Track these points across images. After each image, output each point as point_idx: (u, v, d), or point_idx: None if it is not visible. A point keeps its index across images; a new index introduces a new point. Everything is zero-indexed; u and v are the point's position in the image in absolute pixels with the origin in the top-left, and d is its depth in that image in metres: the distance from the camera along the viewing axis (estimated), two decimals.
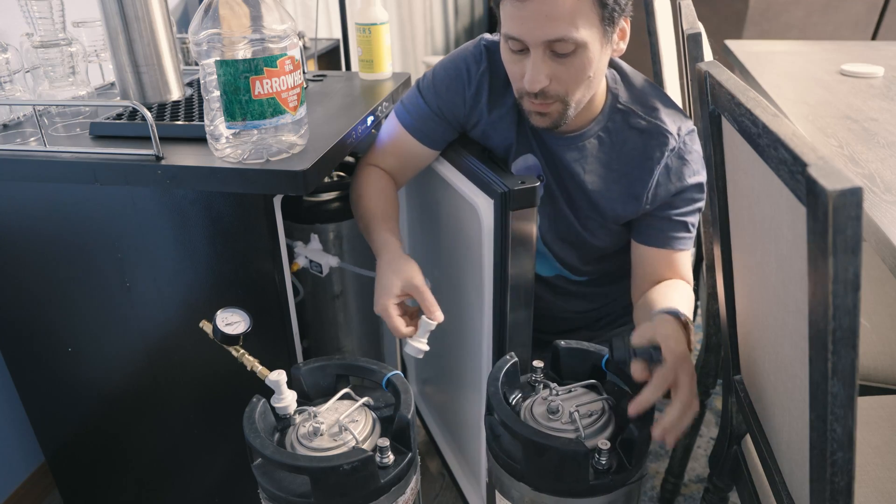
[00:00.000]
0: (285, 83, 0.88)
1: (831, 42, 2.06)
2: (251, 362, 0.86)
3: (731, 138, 0.72)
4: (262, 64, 0.85)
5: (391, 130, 1.11)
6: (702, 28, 1.10)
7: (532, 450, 0.75)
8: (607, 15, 0.87)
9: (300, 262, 1.19)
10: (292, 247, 1.19)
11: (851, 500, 0.58)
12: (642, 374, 0.76)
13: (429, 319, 0.93)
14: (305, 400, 0.87)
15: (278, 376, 0.81)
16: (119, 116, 1.06)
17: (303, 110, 0.94)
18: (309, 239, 1.20)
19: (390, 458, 0.77)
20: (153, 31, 0.99)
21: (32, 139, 1.01)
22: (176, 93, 1.05)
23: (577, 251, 1.11)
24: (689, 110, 1.45)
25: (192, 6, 1.84)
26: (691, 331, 0.82)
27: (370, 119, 1.15)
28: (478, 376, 1.14)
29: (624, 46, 0.95)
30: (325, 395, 0.87)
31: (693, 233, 1.03)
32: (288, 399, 0.82)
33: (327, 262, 1.18)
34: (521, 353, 0.89)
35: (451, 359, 1.31)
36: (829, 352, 0.50)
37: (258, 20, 0.85)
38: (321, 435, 0.78)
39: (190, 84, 1.20)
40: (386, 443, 0.77)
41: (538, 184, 0.93)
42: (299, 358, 1.11)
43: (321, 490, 0.73)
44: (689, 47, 1.06)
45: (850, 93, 1.54)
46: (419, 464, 0.84)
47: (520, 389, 0.87)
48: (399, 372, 0.86)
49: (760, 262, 0.69)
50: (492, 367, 0.87)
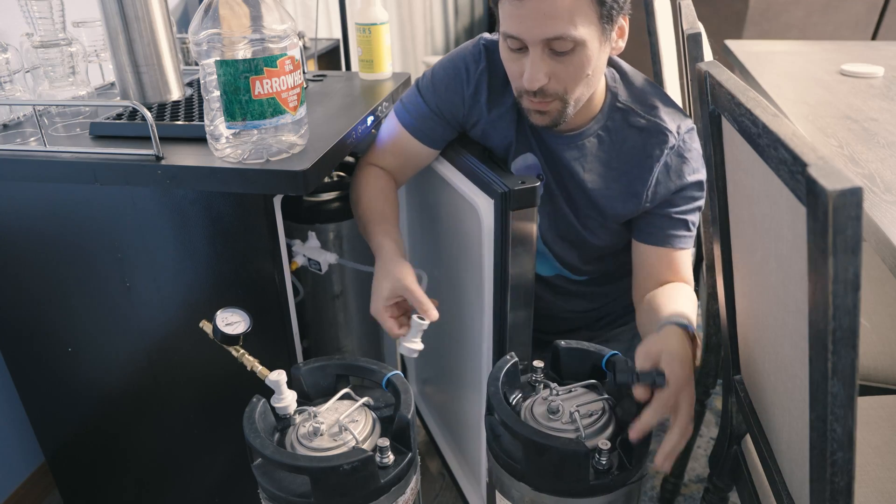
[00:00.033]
0: (285, 83, 0.88)
1: (831, 42, 2.06)
2: (251, 362, 0.86)
3: (731, 138, 0.72)
4: (262, 64, 0.85)
5: (391, 130, 1.11)
6: (702, 28, 1.10)
7: (532, 450, 0.75)
8: (606, 13, 0.87)
9: (299, 260, 1.19)
10: (290, 245, 1.19)
11: (851, 500, 0.58)
12: (644, 396, 0.76)
13: (419, 319, 0.93)
14: (305, 400, 0.87)
15: (278, 376, 0.81)
16: (119, 116, 1.06)
17: (303, 110, 0.94)
18: (307, 237, 1.20)
19: (390, 458, 0.77)
20: (153, 31, 0.99)
21: (32, 139, 1.01)
22: (176, 93, 1.05)
23: (577, 250, 1.11)
24: (689, 110, 1.45)
25: (192, 6, 1.83)
26: (698, 345, 0.82)
27: (370, 119, 1.15)
28: (478, 376, 1.14)
29: (623, 45, 0.95)
30: (325, 395, 0.87)
31: (693, 232, 1.03)
32: (288, 399, 0.82)
33: (326, 260, 1.18)
34: (521, 353, 0.89)
35: (452, 359, 1.31)
36: (829, 352, 0.50)
37: (258, 20, 0.85)
38: (321, 435, 0.78)
39: (190, 84, 1.20)
40: (386, 443, 0.77)
41: (538, 183, 0.93)
42: (299, 358, 1.11)
43: (321, 490, 0.73)
44: (689, 47, 1.06)
45: (850, 93, 1.54)
46: (419, 464, 0.84)
47: (520, 389, 0.87)
48: (399, 372, 0.86)
49: (760, 262, 0.69)
50: (492, 367, 0.87)
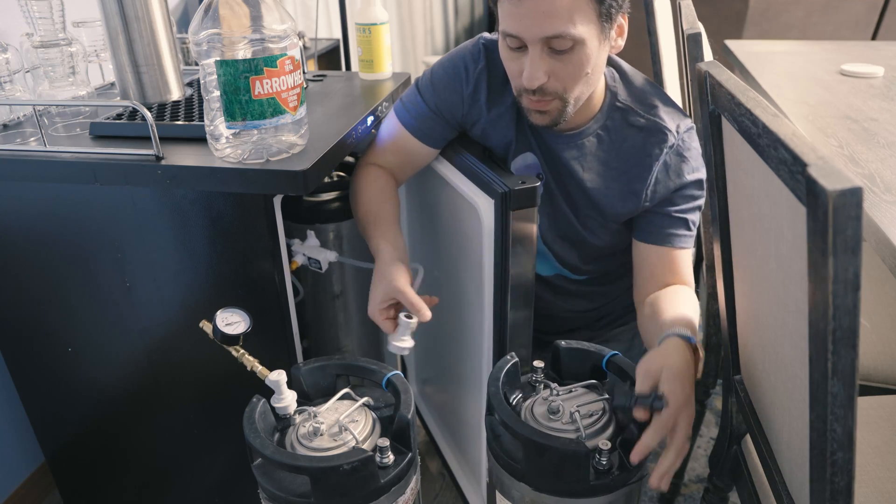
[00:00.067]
0: (285, 83, 0.88)
1: (831, 42, 2.06)
2: (251, 362, 0.86)
3: (731, 138, 0.72)
4: (262, 64, 0.85)
5: (391, 129, 1.11)
6: (702, 28, 1.10)
7: (532, 450, 0.75)
8: (604, 11, 0.87)
9: (299, 259, 1.19)
10: (290, 245, 1.19)
11: (851, 500, 0.58)
12: (643, 417, 0.76)
13: (406, 318, 0.94)
14: (305, 400, 0.87)
15: (278, 376, 0.81)
16: (119, 116, 1.06)
17: (303, 110, 0.94)
18: (306, 236, 1.20)
19: (390, 458, 0.77)
20: (153, 31, 0.99)
21: (32, 139, 1.01)
22: (176, 93, 1.05)
23: (576, 250, 1.11)
24: (689, 110, 1.45)
25: (192, 6, 1.83)
26: (700, 358, 0.82)
27: (370, 119, 1.15)
28: (478, 376, 1.14)
29: (622, 43, 0.95)
30: (325, 395, 0.87)
31: (693, 232, 1.03)
32: (288, 399, 0.82)
33: (325, 258, 1.18)
34: (521, 353, 0.90)
35: (452, 359, 1.31)
36: (829, 352, 0.50)
37: (258, 20, 0.85)
38: (321, 435, 0.78)
39: (190, 84, 1.20)
40: (386, 443, 0.77)
41: (538, 183, 0.93)
42: (299, 358, 1.11)
43: (321, 490, 0.73)
44: (689, 47, 1.06)
45: (850, 93, 1.54)
46: (419, 464, 0.84)
47: (520, 389, 0.87)
48: (399, 372, 0.86)
49: (760, 262, 0.69)
50: (492, 367, 0.87)
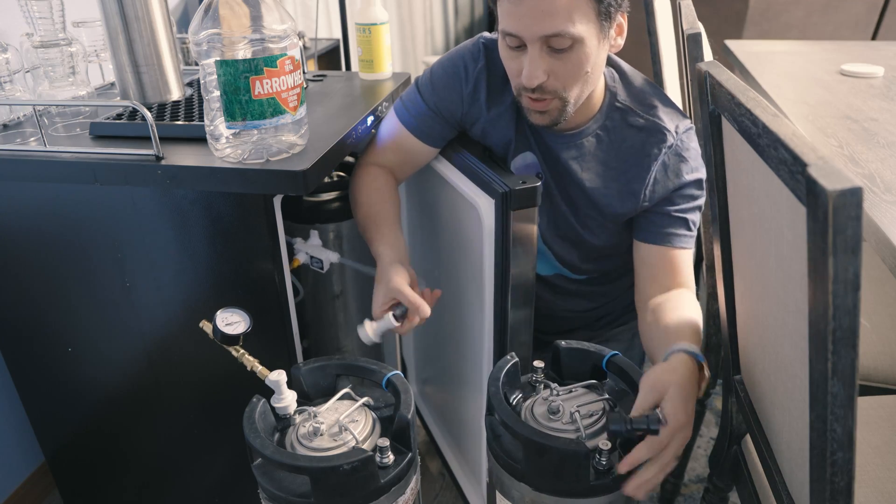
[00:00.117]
0: (285, 83, 0.88)
1: (831, 42, 2.06)
2: (251, 362, 0.86)
3: (731, 138, 0.72)
4: (262, 64, 0.85)
5: (390, 128, 1.11)
6: (702, 28, 1.10)
7: (533, 450, 0.75)
8: (604, 10, 0.87)
9: (301, 257, 1.19)
10: (292, 243, 1.19)
11: (851, 500, 0.58)
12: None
13: (392, 317, 0.94)
14: (305, 400, 0.87)
15: (278, 376, 0.81)
16: (119, 116, 1.06)
17: (303, 110, 0.94)
18: (308, 235, 1.20)
19: (390, 458, 0.77)
20: (153, 31, 0.99)
21: (32, 139, 1.01)
22: (176, 93, 1.05)
23: (576, 249, 1.11)
24: (689, 110, 1.45)
25: (192, 6, 1.83)
26: (705, 377, 0.81)
27: (370, 119, 1.15)
28: (478, 376, 1.14)
29: (622, 42, 0.95)
30: (325, 395, 0.87)
31: (693, 232, 1.03)
32: (288, 399, 0.82)
33: (327, 258, 1.18)
34: (521, 353, 0.89)
35: (452, 359, 1.31)
36: (829, 352, 0.50)
37: (258, 20, 0.85)
38: (321, 435, 0.78)
39: (190, 84, 1.20)
40: (386, 443, 0.77)
41: (539, 183, 0.93)
42: (299, 358, 1.11)
43: (321, 490, 0.73)
44: (689, 47, 1.06)
45: (850, 93, 1.54)
46: (419, 464, 0.84)
47: (520, 389, 0.87)
48: (399, 372, 0.86)
49: (760, 262, 0.69)
50: (492, 367, 0.87)
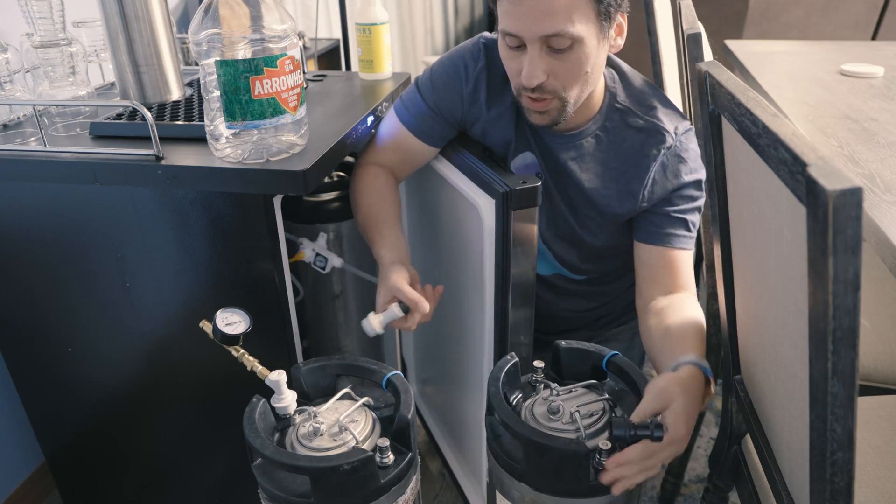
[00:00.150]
0: (285, 83, 0.88)
1: (831, 42, 2.06)
2: (251, 362, 0.86)
3: (731, 138, 0.72)
4: (262, 64, 0.85)
5: (390, 128, 1.11)
6: (702, 28, 1.10)
7: (533, 450, 0.75)
8: (603, 10, 0.87)
9: (307, 253, 1.19)
10: (298, 242, 1.19)
11: (851, 500, 0.58)
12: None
13: (395, 308, 0.94)
14: (305, 400, 0.87)
15: (278, 376, 0.81)
16: (119, 116, 1.06)
17: (303, 110, 0.94)
18: (317, 237, 1.21)
19: (390, 458, 0.77)
20: (153, 31, 0.99)
21: (32, 139, 1.01)
22: (176, 93, 1.05)
23: (575, 249, 1.11)
24: (689, 110, 1.45)
25: (192, 6, 1.83)
26: (710, 393, 0.81)
27: (370, 119, 1.15)
28: (478, 376, 1.14)
29: (622, 42, 0.95)
30: (325, 395, 0.87)
31: (693, 233, 1.03)
32: (288, 399, 0.82)
33: (331, 262, 1.19)
34: (521, 353, 0.90)
35: (452, 359, 1.31)
36: (829, 352, 0.50)
37: (258, 20, 0.85)
38: (321, 435, 0.78)
39: (190, 84, 1.20)
40: (386, 443, 0.77)
41: (539, 183, 0.93)
42: (299, 358, 1.10)
43: (321, 490, 0.73)
44: (689, 47, 1.06)
45: (850, 93, 1.54)
46: (419, 464, 0.84)
47: (520, 389, 0.87)
48: (399, 372, 0.86)
49: (760, 262, 0.69)
50: (492, 367, 0.87)
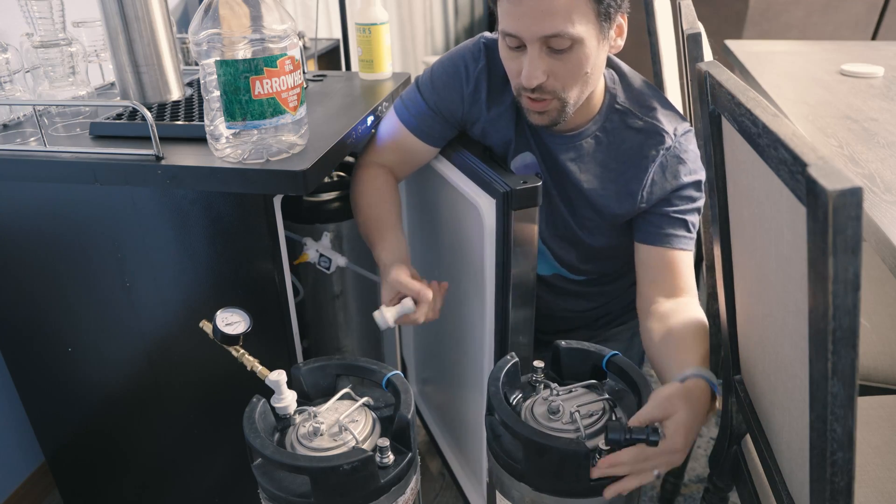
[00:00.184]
0: (285, 83, 0.88)
1: (831, 42, 2.06)
2: (251, 362, 0.86)
3: (731, 138, 0.72)
4: (262, 64, 0.85)
5: (390, 127, 1.11)
6: (702, 28, 1.10)
7: (533, 450, 0.75)
8: (603, 11, 0.87)
9: (311, 254, 1.19)
10: (301, 242, 1.19)
11: (851, 500, 0.58)
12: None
13: (408, 303, 0.95)
14: (305, 400, 0.87)
15: (278, 376, 0.81)
16: (119, 116, 1.06)
17: (303, 110, 0.94)
18: (321, 237, 1.21)
19: (390, 458, 0.77)
20: (153, 31, 0.99)
21: (32, 139, 1.01)
22: (176, 93, 1.05)
23: (574, 250, 1.11)
24: (689, 110, 1.45)
25: (192, 6, 1.83)
26: (714, 408, 0.81)
27: (370, 119, 1.15)
28: (478, 376, 1.14)
29: (622, 43, 0.95)
30: (325, 395, 0.87)
31: (693, 234, 1.03)
32: (288, 399, 0.82)
33: (336, 261, 1.19)
34: (521, 353, 0.90)
35: (452, 359, 1.31)
36: (829, 352, 0.50)
37: (258, 20, 0.85)
38: (321, 435, 0.78)
39: (190, 84, 1.20)
40: (386, 443, 0.77)
41: (539, 183, 0.93)
42: (299, 358, 1.11)
43: (321, 490, 0.73)
44: (689, 47, 1.06)
45: (850, 93, 1.54)
46: (419, 464, 0.84)
47: (520, 389, 0.87)
48: (399, 372, 0.86)
49: (760, 263, 0.69)
50: (492, 367, 0.87)
